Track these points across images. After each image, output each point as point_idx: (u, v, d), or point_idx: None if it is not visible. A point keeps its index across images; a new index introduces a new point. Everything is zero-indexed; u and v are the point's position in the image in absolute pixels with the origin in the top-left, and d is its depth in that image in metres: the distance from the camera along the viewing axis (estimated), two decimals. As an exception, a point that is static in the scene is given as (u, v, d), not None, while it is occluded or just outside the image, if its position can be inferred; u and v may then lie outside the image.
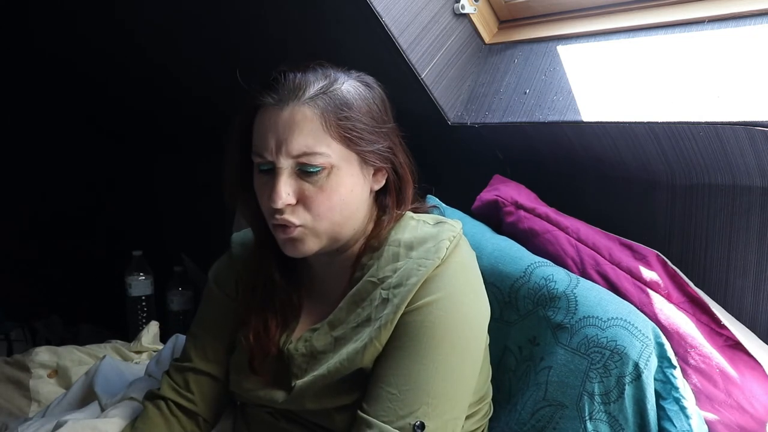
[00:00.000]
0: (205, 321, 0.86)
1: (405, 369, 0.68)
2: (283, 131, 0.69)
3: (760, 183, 0.83)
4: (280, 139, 0.69)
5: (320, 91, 0.70)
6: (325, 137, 0.69)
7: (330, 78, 0.72)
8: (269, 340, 0.78)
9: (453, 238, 0.73)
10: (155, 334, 1.45)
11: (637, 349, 0.76)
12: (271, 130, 0.70)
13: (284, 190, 0.69)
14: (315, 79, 0.71)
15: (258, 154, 0.72)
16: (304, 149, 0.69)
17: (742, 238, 0.86)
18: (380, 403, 0.68)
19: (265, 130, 0.70)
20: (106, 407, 0.89)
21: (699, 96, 0.84)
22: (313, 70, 0.73)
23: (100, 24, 1.66)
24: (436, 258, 0.71)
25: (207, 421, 0.84)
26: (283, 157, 0.69)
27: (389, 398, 0.68)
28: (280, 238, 0.73)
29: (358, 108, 0.72)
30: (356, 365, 0.71)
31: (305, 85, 0.70)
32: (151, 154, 2.29)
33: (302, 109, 0.69)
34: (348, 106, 0.71)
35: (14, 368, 1.25)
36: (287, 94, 0.70)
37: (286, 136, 0.69)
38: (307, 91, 0.70)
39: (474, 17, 1.12)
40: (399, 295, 0.70)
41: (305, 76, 0.71)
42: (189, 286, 1.83)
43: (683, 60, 0.88)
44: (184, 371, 0.83)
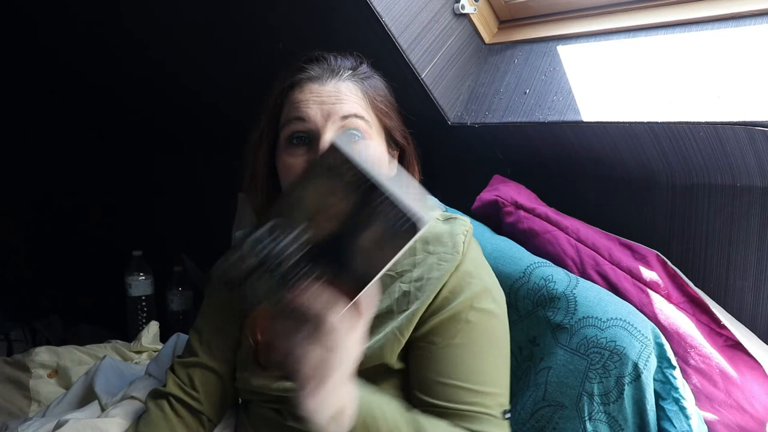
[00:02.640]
0: (209, 317, 0.86)
1: (473, 363, 0.71)
2: (328, 99, 0.72)
3: (760, 183, 0.83)
4: (326, 106, 0.72)
5: (356, 70, 0.77)
6: (366, 106, 0.75)
7: (358, 61, 0.79)
8: (275, 334, 0.77)
9: (466, 233, 0.77)
10: (155, 334, 1.45)
11: (637, 350, 0.76)
12: (314, 101, 0.73)
13: None
14: (349, 60, 0.78)
15: (298, 119, 0.72)
16: (353, 111, 0.72)
17: (742, 238, 0.86)
18: (465, 398, 0.69)
19: (306, 101, 0.73)
20: (107, 407, 0.89)
21: (699, 96, 0.84)
22: (342, 54, 0.79)
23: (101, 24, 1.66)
24: (455, 254, 0.74)
25: (211, 421, 0.84)
26: (330, 121, 0.71)
27: (469, 393, 0.69)
28: None
29: (383, 87, 0.79)
30: (379, 359, 0.72)
31: (343, 64, 0.77)
32: (152, 155, 2.29)
33: (345, 83, 0.74)
34: (379, 85, 0.78)
35: (14, 368, 1.25)
36: (328, 71, 0.75)
37: (333, 103, 0.72)
38: (346, 69, 0.76)
39: (474, 17, 1.12)
40: (423, 289, 0.73)
41: (340, 58, 0.78)
42: (189, 286, 1.83)
43: (683, 60, 0.88)
44: (189, 367, 0.83)
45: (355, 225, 0.48)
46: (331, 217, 0.49)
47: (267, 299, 0.50)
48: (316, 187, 0.49)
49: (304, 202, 0.49)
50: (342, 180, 0.48)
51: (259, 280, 0.50)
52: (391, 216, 0.47)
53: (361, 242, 0.48)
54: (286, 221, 0.49)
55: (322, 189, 0.49)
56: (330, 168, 0.48)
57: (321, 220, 0.49)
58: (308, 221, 0.49)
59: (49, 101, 2.18)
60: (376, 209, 0.47)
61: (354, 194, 0.48)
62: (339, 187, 0.48)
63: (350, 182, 0.48)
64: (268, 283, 0.50)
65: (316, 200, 0.49)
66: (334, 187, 0.48)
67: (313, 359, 0.50)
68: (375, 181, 0.47)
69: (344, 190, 0.48)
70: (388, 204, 0.47)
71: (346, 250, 0.49)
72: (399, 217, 0.47)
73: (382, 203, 0.47)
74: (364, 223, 0.48)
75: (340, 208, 0.48)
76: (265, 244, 0.49)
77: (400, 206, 0.47)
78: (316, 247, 0.49)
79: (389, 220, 0.47)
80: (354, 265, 0.49)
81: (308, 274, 0.50)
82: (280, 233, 0.49)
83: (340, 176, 0.48)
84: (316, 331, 0.50)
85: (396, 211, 0.47)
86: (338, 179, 0.48)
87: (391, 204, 0.47)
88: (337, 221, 0.49)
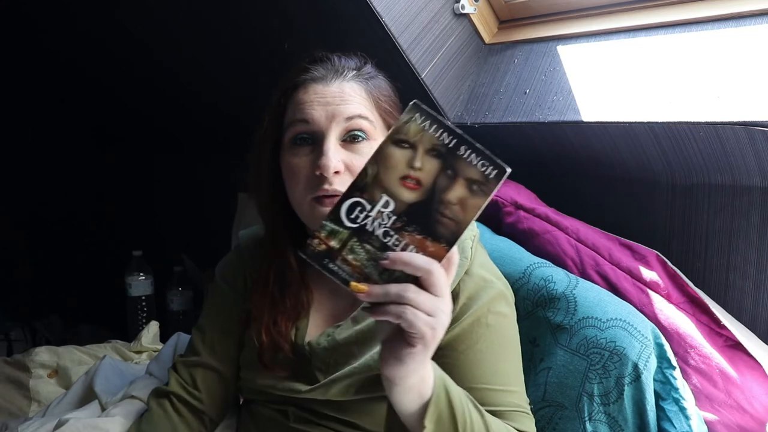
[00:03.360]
0: (212, 317, 0.86)
1: (497, 365, 0.72)
2: (332, 100, 0.72)
3: (760, 183, 0.83)
4: (330, 107, 0.72)
5: (360, 70, 0.76)
6: (370, 106, 0.74)
7: (363, 61, 0.79)
8: (280, 335, 0.77)
9: (474, 238, 0.77)
10: (155, 334, 1.45)
11: (637, 350, 0.76)
12: (319, 102, 0.72)
13: (335, 155, 0.70)
14: (353, 61, 0.78)
15: (302, 121, 0.72)
16: (357, 113, 0.72)
17: (742, 238, 0.86)
18: (498, 399, 0.70)
19: (311, 102, 0.72)
20: (107, 406, 0.89)
21: (699, 96, 0.84)
22: (346, 55, 0.78)
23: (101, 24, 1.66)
24: (464, 259, 0.74)
25: (213, 420, 0.84)
26: (335, 122, 0.71)
27: (500, 393, 0.70)
28: (323, 212, 0.71)
29: (387, 87, 0.79)
30: None
31: (347, 64, 0.76)
32: (152, 155, 2.29)
33: (350, 84, 0.74)
34: (383, 85, 0.78)
35: (14, 368, 1.25)
36: (332, 71, 0.74)
37: (337, 104, 0.72)
38: (350, 70, 0.75)
39: (474, 17, 1.12)
40: None
41: (344, 58, 0.77)
42: (189, 286, 1.83)
43: (683, 60, 0.88)
44: (192, 366, 0.83)
45: (439, 186, 0.51)
46: (412, 186, 0.51)
47: (364, 269, 0.52)
48: (391, 161, 0.51)
49: (382, 177, 0.52)
50: (423, 144, 0.51)
51: (350, 254, 0.52)
52: (478, 166, 0.50)
53: (448, 200, 0.51)
54: (367, 198, 0.52)
55: (399, 161, 0.51)
56: (408, 134, 0.51)
57: (402, 191, 0.52)
58: (389, 195, 0.52)
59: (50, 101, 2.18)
60: (462, 164, 0.50)
61: (437, 155, 0.51)
62: (418, 154, 0.51)
63: (433, 144, 0.51)
64: (360, 255, 0.52)
65: (394, 174, 0.51)
66: (411, 156, 0.51)
67: (426, 310, 0.51)
68: (461, 135, 0.50)
69: (424, 155, 0.51)
70: (475, 155, 0.50)
71: (432, 212, 0.51)
72: (486, 165, 0.50)
73: (469, 155, 0.50)
74: (449, 180, 0.51)
75: (420, 175, 0.51)
76: (348, 223, 0.52)
77: (486, 155, 0.50)
78: (401, 217, 0.52)
79: (477, 171, 0.50)
80: (442, 224, 0.51)
81: (399, 242, 0.52)
82: (361, 210, 0.52)
83: (421, 142, 0.50)
84: (426, 282, 0.51)
85: (483, 161, 0.50)
86: (417, 146, 0.51)
87: (478, 154, 0.50)
88: (419, 188, 0.51)
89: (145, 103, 2.02)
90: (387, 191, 0.52)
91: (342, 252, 0.52)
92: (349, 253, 0.52)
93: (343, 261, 0.52)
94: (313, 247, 0.52)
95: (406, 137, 0.51)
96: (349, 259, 0.52)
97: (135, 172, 2.34)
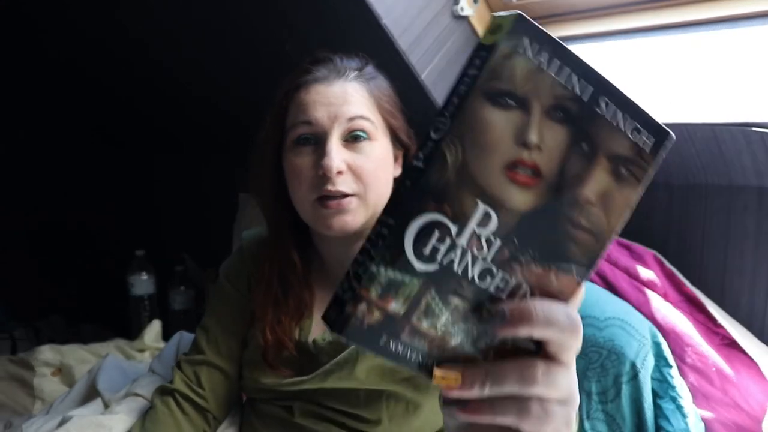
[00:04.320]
0: (216, 316, 0.86)
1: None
2: (335, 101, 0.72)
3: (756, 183, 0.84)
4: (332, 107, 0.71)
5: (362, 71, 0.76)
6: (372, 107, 0.74)
7: (364, 61, 0.78)
8: (284, 334, 0.77)
9: None
10: (157, 333, 1.45)
11: (634, 349, 0.77)
12: (321, 102, 0.72)
13: (337, 156, 0.70)
14: (354, 61, 0.77)
15: (305, 123, 0.72)
16: (359, 113, 0.72)
17: (738, 237, 0.87)
18: None
19: (312, 103, 0.72)
20: (110, 404, 0.90)
21: (696, 97, 0.84)
22: (347, 55, 0.78)
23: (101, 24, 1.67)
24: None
25: (216, 418, 0.84)
26: (337, 123, 0.71)
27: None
28: (326, 213, 0.71)
29: (388, 87, 0.78)
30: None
31: (349, 65, 0.76)
32: (153, 155, 2.30)
33: (351, 84, 0.74)
34: (384, 85, 0.77)
35: (18, 366, 1.26)
36: (334, 72, 0.74)
37: (339, 104, 0.72)
38: (352, 70, 0.75)
39: (473, 19, 1.13)
40: None
41: (346, 59, 0.77)
42: (191, 286, 1.84)
43: (681, 61, 0.88)
44: (196, 365, 0.83)
45: (569, 174, 0.31)
46: (526, 179, 0.31)
47: (448, 338, 0.32)
48: (488, 135, 0.30)
49: (473, 169, 0.30)
50: (540, 99, 0.30)
51: (425, 319, 0.31)
52: (627, 131, 0.31)
53: (585, 197, 0.32)
54: (449, 212, 0.30)
55: (501, 134, 0.30)
56: (514, 80, 0.29)
57: (511, 192, 0.31)
58: (487, 202, 0.30)
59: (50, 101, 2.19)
60: (604, 130, 0.31)
61: (563, 119, 0.30)
62: (533, 118, 0.30)
63: (558, 97, 0.30)
64: (443, 318, 0.31)
65: (493, 159, 0.30)
66: (522, 122, 0.30)
67: (560, 396, 0.33)
68: (598, 77, 0.31)
69: (543, 120, 0.30)
70: (622, 111, 0.31)
71: (560, 223, 0.32)
72: (637, 129, 0.31)
73: (614, 114, 0.31)
74: (584, 162, 0.31)
75: (539, 157, 0.31)
76: (420, 264, 0.30)
77: (636, 108, 0.31)
78: (509, 240, 0.31)
79: (625, 141, 0.31)
80: (576, 241, 0.32)
81: (505, 283, 0.32)
82: (442, 238, 0.30)
83: (538, 93, 0.30)
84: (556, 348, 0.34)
85: (632, 121, 0.31)
86: (530, 103, 0.30)
87: (625, 109, 0.31)
88: (538, 182, 0.31)
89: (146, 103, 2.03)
90: (484, 194, 0.30)
91: (411, 318, 0.31)
92: (422, 317, 0.31)
93: (413, 333, 0.31)
94: (357, 317, 0.30)
95: (508, 85, 0.29)
96: (424, 328, 0.31)
97: (137, 173, 2.35)
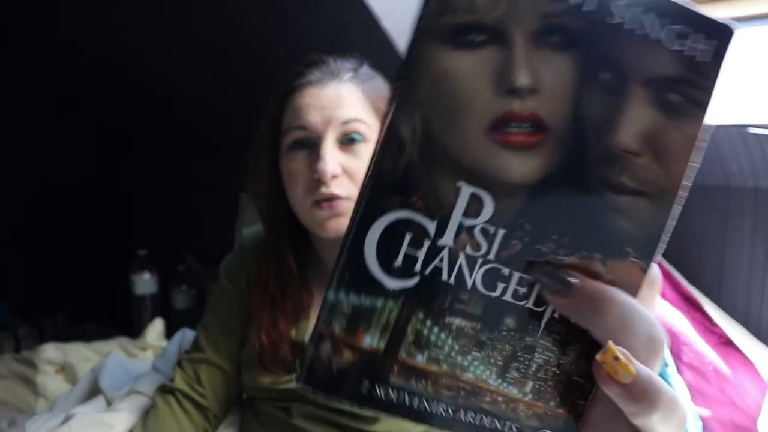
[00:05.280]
0: (216, 315, 0.86)
1: None
2: (329, 104, 0.71)
3: (752, 184, 0.85)
4: (326, 111, 0.71)
5: (357, 72, 0.75)
6: (367, 108, 0.73)
7: (359, 62, 0.77)
8: (280, 337, 0.77)
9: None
10: (160, 331, 1.46)
11: (631, 347, 0.77)
12: (315, 106, 0.72)
13: (332, 159, 0.69)
14: (349, 62, 0.76)
15: (299, 128, 0.72)
16: (353, 116, 0.71)
17: (735, 238, 0.87)
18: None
19: (307, 106, 0.72)
20: (112, 401, 0.90)
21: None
22: (342, 57, 0.77)
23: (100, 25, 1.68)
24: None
25: (216, 417, 0.84)
26: (331, 126, 0.70)
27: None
28: (323, 215, 0.71)
29: (385, 89, 0.77)
30: None
31: (343, 66, 0.75)
32: (155, 155, 2.31)
33: (346, 86, 0.73)
34: (380, 86, 0.76)
35: (22, 364, 1.26)
36: (328, 74, 0.74)
37: (333, 107, 0.71)
38: (346, 72, 0.74)
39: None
40: None
41: (340, 60, 0.76)
42: (193, 285, 1.84)
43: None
44: (196, 363, 0.83)
45: (589, 119, 0.23)
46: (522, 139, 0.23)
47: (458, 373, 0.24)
48: (458, 91, 0.22)
49: (444, 139, 0.22)
50: (521, 24, 0.22)
51: (416, 352, 0.24)
52: (668, 40, 0.23)
53: (623, 145, 0.23)
54: (421, 207, 0.23)
55: (476, 85, 0.22)
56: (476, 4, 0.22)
57: (504, 160, 0.23)
58: (473, 182, 0.23)
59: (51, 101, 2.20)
60: (631, 45, 0.22)
61: (562, 42, 0.22)
62: (516, 51, 0.22)
63: (548, 13, 0.22)
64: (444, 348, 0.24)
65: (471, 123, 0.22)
66: (502, 62, 0.22)
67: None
68: None
69: (530, 51, 0.22)
70: (652, 18, 0.22)
71: (592, 188, 0.23)
72: (684, 34, 0.23)
73: (636, 29, 0.22)
74: (610, 99, 0.23)
75: (535, 104, 0.23)
76: (391, 281, 0.23)
77: (680, 9, 0.23)
78: (517, 228, 0.24)
79: (668, 55, 0.23)
80: (623, 213, 0.23)
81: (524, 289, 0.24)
82: (417, 241, 0.23)
83: (516, 17, 0.22)
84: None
85: (675, 24, 0.23)
86: (508, 32, 0.22)
87: (659, 14, 0.22)
88: (542, 138, 0.23)
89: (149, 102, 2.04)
90: (466, 172, 0.23)
91: (398, 354, 0.23)
92: (413, 351, 0.24)
93: (407, 373, 0.24)
94: (320, 361, 0.23)
95: (468, 15, 0.22)
96: (420, 365, 0.24)
97: (139, 172, 2.36)
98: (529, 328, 0.24)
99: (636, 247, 0.24)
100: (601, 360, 0.23)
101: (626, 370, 0.23)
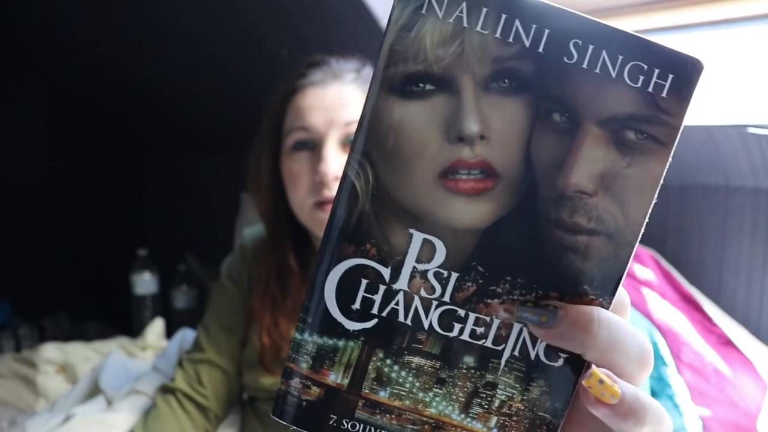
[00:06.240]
0: (217, 315, 0.86)
1: None
2: (331, 105, 0.71)
3: (752, 184, 0.85)
4: (329, 112, 0.71)
5: (359, 72, 0.75)
6: None
7: (361, 63, 0.77)
8: (281, 338, 0.77)
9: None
10: (160, 331, 1.46)
11: (630, 347, 0.77)
12: (317, 107, 0.71)
13: (334, 161, 0.69)
14: (352, 63, 0.76)
15: (301, 129, 0.72)
16: (356, 117, 0.71)
17: (734, 237, 0.87)
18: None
19: (309, 107, 0.72)
20: (113, 400, 0.90)
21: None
22: (344, 58, 0.77)
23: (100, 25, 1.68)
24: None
25: (217, 416, 0.84)
26: (333, 127, 0.70)
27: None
28: (323, 216, 0.71)
29: None
30: None
31: (346, 67, 0.75)
32: (156, 154, 2.31)
33: (348, 86, 0.73)
34: None
35: (22, 364, 1.26)
36: (330, 75, 0.74)
37: (336, 108, 0.71)
38: (349, 73, 0.74)
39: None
40: None
41: (342, 61, 0.76)
42: (193, 285, 1.85)
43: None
44: (197, 363, 0.83)
45: (542, 163, 0.23)
46: (471, 187, 0.23)
47: (422, 406, 0.25)
48: (408, 139, 0.23)
49: (394, 191, 0.23)
50: (470, 67, 0.22)
51: (382, 387, 0.25)
52: (626, 77, 0.22)
53: (575, 187, 0.23)
54: (374, 255, 0.24)
55: (425, 131, 0.23)
56: (419, 49, 0.22)
57: (452, 208, 0.23)
58: (422, 228, 0.24)
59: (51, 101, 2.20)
60: (579, 92, 0.22)
61: (513, 86, 0.22)
62: (465, 97, 0.22)
63: (497, 56, 0.22)
64: (406, 384, 0.25)
65: (421, 170, 0.23)
66: (450, 109, 0.23)
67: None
68: (564, 17, 0.22)
69: (479, 96, 0.22)
70: (608, 56, 0.22)
71: (544, 229, 0.23)
72: (644, 68, 0.23)
73: (590, 68, 0.22)
74: (561, 140, 0.23)
75: (485, 151, 0.23)
76: (351, 323, 0.25)
77: (637, 44, 0.22)
78: (469, 269, 0.24)
79: (628, 91, 0.22)
80: (574, 249, 0.23)
81: (483, 326, 0.24)
82: (372, 286, 0.24)
83: (463, 63, 0.22)
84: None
85: (629, 66, 0.22)
86: (456, 80, 0.22)
87: (614, 51, 0.22)
88: (491, 185, 0.23)
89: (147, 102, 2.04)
90: (416, 220, 0.23)
91: (361, 390, 0.25)
92: (376, 387, 0.25)
93: (371, 407, 0.25)
94: (291, 394, 0.25)
95: (416, 65, 0.22)
96: (384, 400, 0.25)
97: (140, 172, 2.37)
98: (489, 366, 0.25)
99: (594, 285, 0.24)
100: (587, 385, 0.24)
101: (612, 391, 0.24)
